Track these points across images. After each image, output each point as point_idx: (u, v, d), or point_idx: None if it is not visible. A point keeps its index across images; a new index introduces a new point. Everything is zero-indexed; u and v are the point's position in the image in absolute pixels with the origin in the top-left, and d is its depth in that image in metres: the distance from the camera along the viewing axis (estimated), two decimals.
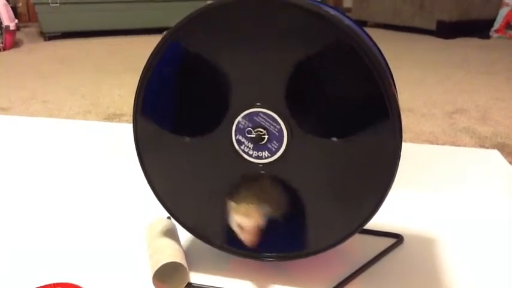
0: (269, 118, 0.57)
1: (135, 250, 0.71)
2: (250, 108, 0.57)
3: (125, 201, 0.87)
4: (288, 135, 0.57)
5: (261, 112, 0.57)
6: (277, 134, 0.57)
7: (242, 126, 0.58)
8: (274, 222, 0.61)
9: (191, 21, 0.56)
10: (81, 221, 0.80)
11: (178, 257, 0.63)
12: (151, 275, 0.60)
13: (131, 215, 0.81)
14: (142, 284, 0.63)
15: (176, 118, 0.61)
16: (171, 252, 0.63)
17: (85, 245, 0.73)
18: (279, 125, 0.56)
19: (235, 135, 0.58)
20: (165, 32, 0.58)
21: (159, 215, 0.72)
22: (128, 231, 0.76)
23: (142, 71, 0.59)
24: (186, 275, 0.63)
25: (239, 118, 0.58)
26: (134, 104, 0.61)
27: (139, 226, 0.76)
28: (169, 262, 0.61)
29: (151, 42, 0.59)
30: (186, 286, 0.62)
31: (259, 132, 0.57)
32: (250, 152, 0.58)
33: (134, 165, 0.64)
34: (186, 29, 0.57)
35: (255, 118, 0.57)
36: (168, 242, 0.66)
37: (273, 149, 0.57)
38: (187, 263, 0.64)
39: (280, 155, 0.58)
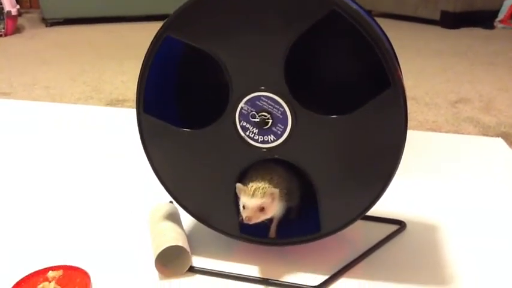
0: (272, 101, 0.56)
1: (139, 236, 0.71)
2: (253, 93, 0.56)
3: (129, 187, 0.86)
4: (291, 117, 0.56)
5: (263, 96, 0.56)
6: (281, 116, 0.56)
7: (246, 112, 0.57)
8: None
9: (182, 13, 0.56)
10: (85, 206, 0.80)
11: (180, 241, 0.63)
12: (154, 259, 0.61)
13: (135, 205, 0.81)
14: (147, 268, 0.63)
15: (179, 110, 0.60)
16: (173, 236, 0.64)
17: (90, 231, 0.73)
18: (282, 107, 0.56)
19: (240, 122, 0.58)
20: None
21: (162, 200, 0.72)
22: (132, 217, 0.76)
23: (141, 68, 0.59)
24: (188, 259, 0.63)
25: (242, 104, 0.57)
26: (136, 101, 0.61)
27: (144, 212, 0.75)
28: (171, 246, 0.61)
29: (154, 29, 0.58)
30: (188, 269, 0.63)
31: (263, 117, 0.57)
32: (256, 137, 0.58)
33: (138, 150, 0.64)
34: (178, 22, 0.56)
35: (258, 102, 0.57)
36: (170, 226, 0.66)
37: (278, 132, 0.57)
38: (191, 248, 0.64)
39: (286, 138, 0.57)
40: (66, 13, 3.04)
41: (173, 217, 0.69)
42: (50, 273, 0.61)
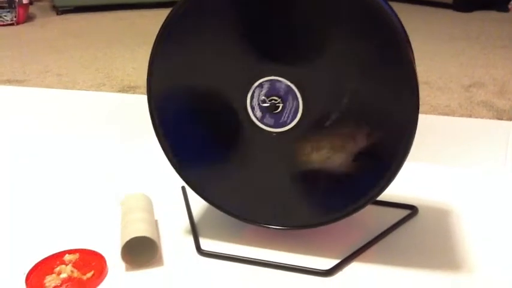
0: (283, 86, 0.57)
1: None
2: (265, 77, 0.57)
3: (142, 172, 0.87)
4: (302, 101, 0.57)
5: (275, 80, 0.57)
6: (290, 101, 0.57)
7: (256, 98, 0.58)
8: (293, 191, 0.61)
9: None
10: (100, 190, 0.81)
11: (142, 231, 0.62)
12: (120, 251, 0.60)
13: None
14: (160, 251, 0.64)
15: (192, 91, 0.61)
16: (137, 227, 0.63)
17: (106, 216, 0.74)
18: (292, 89, 0.57)
19: (252, 108, 0.59)
20: None
21: (176, 184, 0.72)
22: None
23: (153, 45, 0.60)
24: (155, 248, 0.62)
25: (253, 87, 0.58)
26: (148, 70, 0.61)
27: (158, 197, 0.76)
28: (135, 237, 0.61)
29: (164, 16, 0.58)
30: (198, 252, 0.63)
31: (273, 101, 0.57)
32: (276, 124, 0.59)
33: (149, 135, 0.65)
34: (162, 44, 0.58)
35: (271, 87, 0.57)
36: (138, 217, 0.65)
37: (290, 117, 0.58)
38: (200, 230, 0.64)
39: (296, 123, 0.58)
40: (76, 1, 3.04)
41: (141, 207, 0.68)
42: (67, 257, 0.62)
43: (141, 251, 0.62)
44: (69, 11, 3.07)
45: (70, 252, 0.63)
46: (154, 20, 2.73)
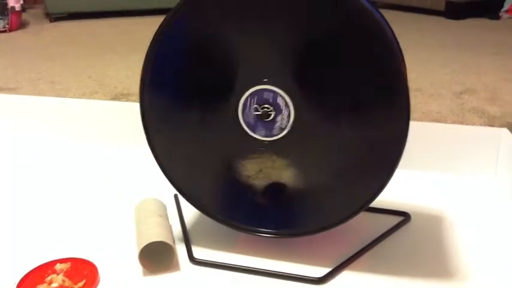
0: (276, 95, 0.57)
1: None
2: (258, 85, 0.57)
3: (135, 180, 0.87)
4: (295, 110, 0.57)
5: (268, 89, 0.57)
6: (283, 109, 0.57)
7: (248, 104, 0.58)
8: (282, 198, 0.61)
9: None
10: (92, 199, 0.81)
11: (163, 236, 0.62)
12: (137, 255, 0.60)
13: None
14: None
15: (183, 95, 0.61)
16: (156, 231, 0.63)
17: (98, 224, 0.73)
18: (284, 99, 0.57)
19: (243, 116, 0.59)
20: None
21: (168, 192, 0.72)
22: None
23: (148, 47, 0.59)
24: (173, 254, 0.62)
25: (244, 96, 0.58)
26: (140, 84, 0.61)
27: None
28: (155, 241, 0.61)
29: (158, 23, 0.58)
30: (190, 261, 0.63)
31: (265, 109, 0.57)
32: (258, 130, 0.59)
33: (142, 143, 0.65)
34: (189, 7, 0.57)
35: (262, 96, 0.57)
36: (156, 221, 0.66)
37: (281, 126, 0.58)
38: (192, 239, 0.65)
39: (288, 132, 0.58)
40: (70, 8, 3.04)
41: (159, 212, 0.69)
42: (58, 266, 0.62)
43: (156, 257, 0.62)
44: (62, 18, 3.07)
45: (61, 261, 0.63)
46: (149, 27, 2.73)
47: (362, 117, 0.55)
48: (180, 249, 0.66)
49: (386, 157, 0.56)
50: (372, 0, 0.52)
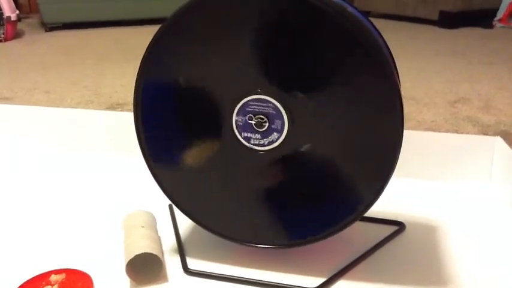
0: (262, 102, 0.58)
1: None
2: (241, 100, 0.58)
3: (131, 190, 0.87)
4: (286, 112, 0.57)
5: (252, 100, 0.58)
6: (274, 112, 0.58)
7: (241, 122, 0.59)
8: (278, 208, 0.61)
9: (153, 50, 0.59)
10: (86, 209, 0.81)
11: (148, 248, 0.62)
12: (124, 266, 0.60)
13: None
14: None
15: (176, 128, 0.61)
16: (140, 244, 0.63)
17: (93, 235, 0.73)
18: (272, 103, 0.57)
19: (238, 132, 0.59)
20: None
21: (163, 202, 0.72)
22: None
23: (134, 96, 0.62)
24: (160, 262, 0.62)
25: (234, 115, 0.59)
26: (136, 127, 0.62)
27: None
28: (139, 254, 0.61)
29: (153, 33, 0.59)
30: (185, 271, 0.63)
31: (259, 119, 0.58)
32: (261, 142, 0.59)
33: (137, 153, 0.65)
34: (150, 63, 0.59)
35: (248, 108, 0.58)
36: (144, 233, 0.66)
37: (279, 128, 0.58)
38: (186, 249, 0.64)
39: (285, 137, 0.58)
40: (65, 18, 3.05)
41: (142, 223, 0.68)
42: (53, 277, 0.61)
43: (144, 269, 0.62)
44: (58, 28, 3.08)
45: (56, 272, 0.62)
46: (143, 36, 2.74)
47: (355, 126, 0.55)
48: (175, 260, 0.66)
49: (380, 166, 0.56)
50: (365, 11, 0.53)
